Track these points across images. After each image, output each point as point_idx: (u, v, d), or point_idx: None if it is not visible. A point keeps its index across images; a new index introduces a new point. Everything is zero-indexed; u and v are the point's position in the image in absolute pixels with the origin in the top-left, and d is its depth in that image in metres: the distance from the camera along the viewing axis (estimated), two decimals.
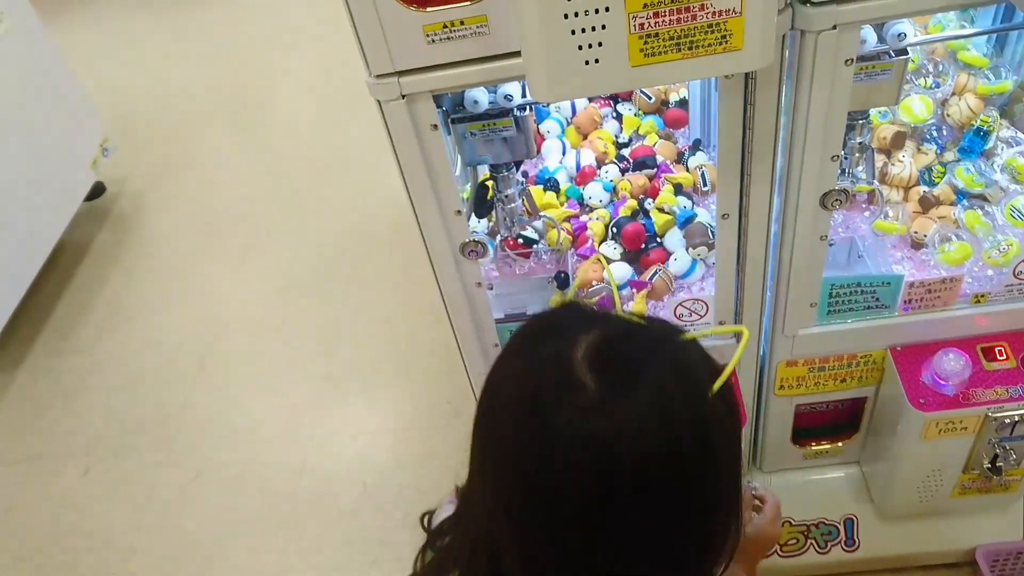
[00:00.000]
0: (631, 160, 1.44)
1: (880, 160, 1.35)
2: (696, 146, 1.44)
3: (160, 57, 3.70)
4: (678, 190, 1.37)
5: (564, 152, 1.49)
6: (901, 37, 1.01)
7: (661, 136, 1.49)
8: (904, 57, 1.02)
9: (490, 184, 1.21)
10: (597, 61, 0.79)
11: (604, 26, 0.76)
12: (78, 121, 2.66)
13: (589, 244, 1.34)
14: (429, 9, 0.85)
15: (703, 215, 1.33)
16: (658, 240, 1.34)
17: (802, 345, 1.31)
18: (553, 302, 1.31)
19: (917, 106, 1.33)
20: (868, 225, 1.32)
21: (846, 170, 1.16)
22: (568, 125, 1.53)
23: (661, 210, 1.35)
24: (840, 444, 1.53)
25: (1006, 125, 1.33)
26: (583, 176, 1.43)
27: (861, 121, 1.13)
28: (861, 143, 1.16)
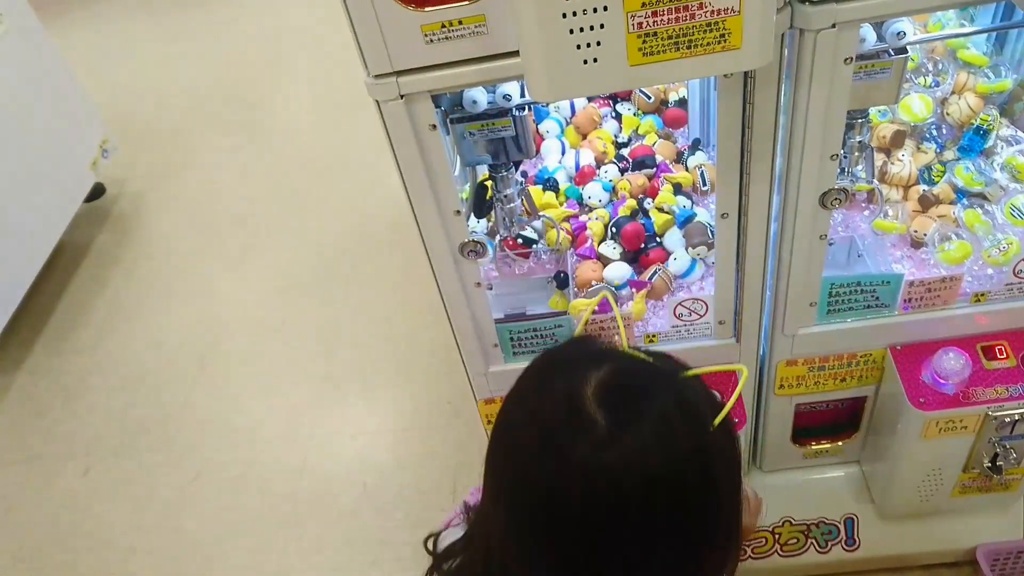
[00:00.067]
0: (630, 160, 1.44)
1: (880, 159, 1.34)
2: (695, 145, 1.44)
3: (160, 58, 3.71)
4: (677, 190, 1.37)
5: (563, 152, 1.49)
6: (900, 35, 1.01)
7: (660, 136, 1.49)
8: (903, 56, 1.02)
9: (489, 184, 1.20)
10: (596, 60, 0.79)
11: (602, 25, 0.76)
12: (78, 122, 2.66)
13: (588, 244, 1.33)
14: (427, 9, 0.85)
15: (702, 214, 1.32)
16: (657, 240, 1.34)
17: (802, 344, 1.31)
18: (552, 303, 1.31)
19: (917, 105, 1.33)
20: (868, 224, 1.31)
21: (845, 169, 1.16)
22: (567, 125, 1.53)
23: (660, 210, 1.35)
24: (840, 443, 1.53)
25: (1006, 124, 1.33)
26: (582, 176, 1.43)
27: (860, 120, 1.13)
28: (860, 142, 1.16)
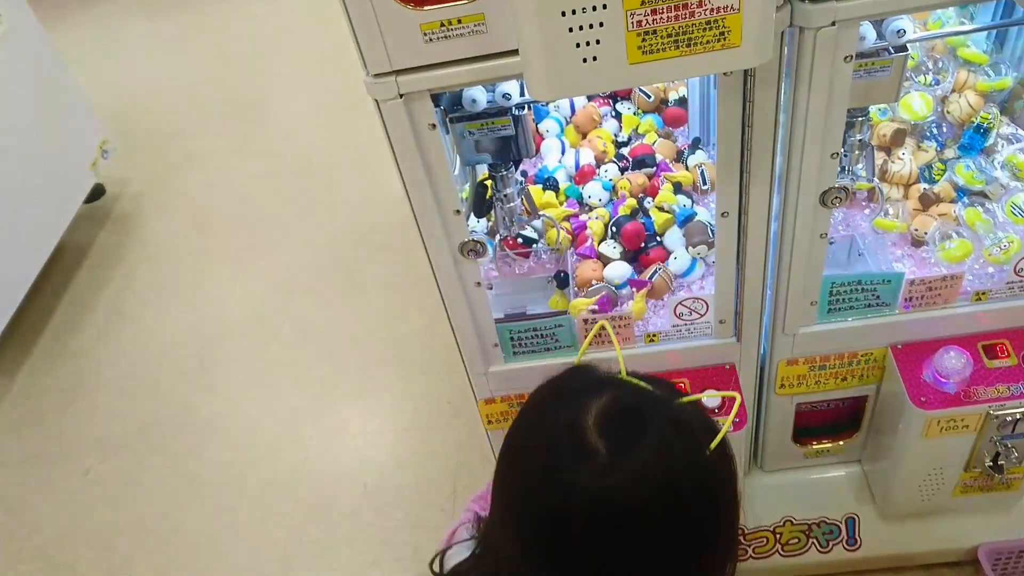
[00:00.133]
0: (630, 159, 1.44)
1: (880, 158, 1.34)
2: (695, 144, 1.44)
3: (159, 58, 3.71)
4: (677, 189, 1.37)
5: (563, 151, 1.48)
6: (900, 33, 1.00)
7: (660, 135, 1.48)
8: (903, 54, 1.02)
9: (489, 183, 1.20)
10: (595, 59, 0.79)
11: (602, 23, 0.76)
12: (77, 123, 2.66)
13: (589, 243, 1.33)
14: (426, 8, 0.84)
15: (703, 213, 1.32)
16: (658, 239, 1.34)
17: (803, 343, 1.31)
18: (552, 303, 1.31)
19: (917, 103, 1.33)
20: (868, 223, 1.31)
21: (846, 168, 1.16)
22: (567, 124, 1.53)
23: (661, 209, 1.35)
24: (841, 443, 1.53)
25: (1006, 122, 1.33)
26: (582, 175, 1.43)
27: (861, 118, 1.13)
28: (861, 140, 1.16)
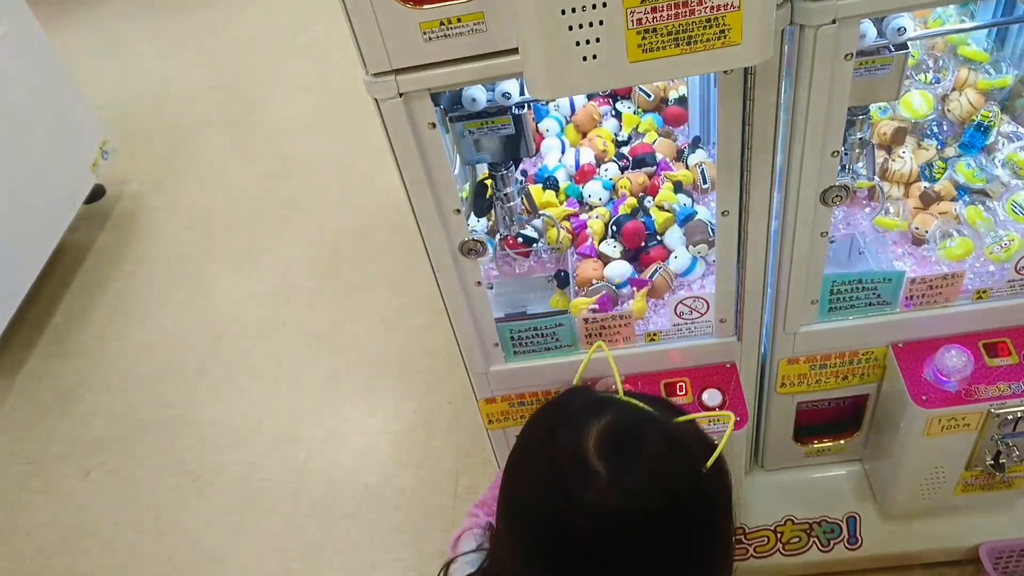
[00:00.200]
0: (630, 158, 1.44)
1: (880, 156, 1.34)
2: (695, 143, 1.44)
3: (159, 59, 3.71)
4: (678, 188, 1.37)
5: (563, 150, 1.48)
6: (901, 31, 1.00)
7: (660, 134, 1.48)
8: (904, 52, 1.02)
9: (489, 183, 1.20)
10: (595, 57, 0.78)
11: (602, 22, 0.76)
12: (77, 123, 2.66)
13: (589, 242, 1.33)
14: (425, 6, 0.84)
15: (703, 212, 1.32)
16: (658, 238, 1.33)
17: (803, 342, 1.31)
18: (553, 302, 1.31)
19: (917, 101, 1.32)
20: (869, 221, 1.31)
21: (846, 166, 1.16)
22: (567, 123, 1.52)
23: (661, 208, 1.35)
24: (842, 442, 1.53)
25: (1007, 120, 1.33)
26: (582, 174, 1.43)
27: (861, 117, 1.13)
28: (861, 139, 1.15)
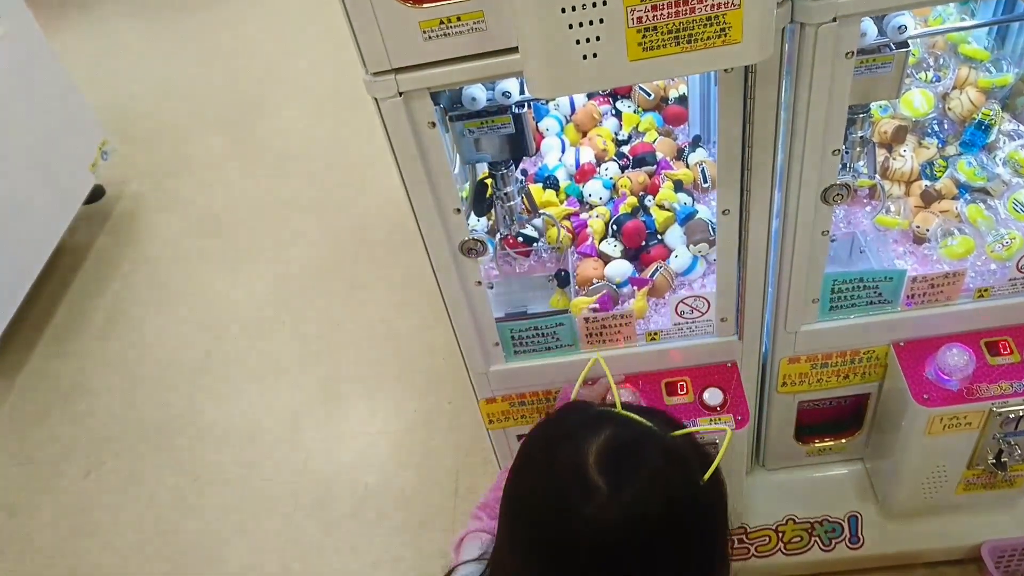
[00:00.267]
0: (631, 157, 1.44)
1: (881, 154, 1.34)
2: (696, 142, 1.44)
3: (158, 60, 3.70)
4: (678, 187, 1.37)
5: (563, 150, 1.48)
6: (902, 30, 1.00)
7: (661, 133, 1.48)
8: (905, 50, 1.02)
9: (489, 182, 1.20)
10: (595, 56, 0.78)
11: (602, 20, 0.76)
12: (77, 124, 2.66)
13: (589, 242, 1.33)
14: (425, 5, 0.84)
15: (703, 211, 1.32)
16: (659, 237, 1.33)
17: (804, 341, 1.30)
18: (553, 302, 1.30)
19: (918, 100, 1.32)
20: (870, 220, 1.31)
21: (847, 165, 1.16)
22: (567, 123, 1.52)
23: (661, 207, 1.34)
24: (843, 441, 1.53)
25: (1008, 118, 1.33)
26: (583, 173, 1.43)
27: (862, 115, 1.13)
28: (862, 137, 1.15)
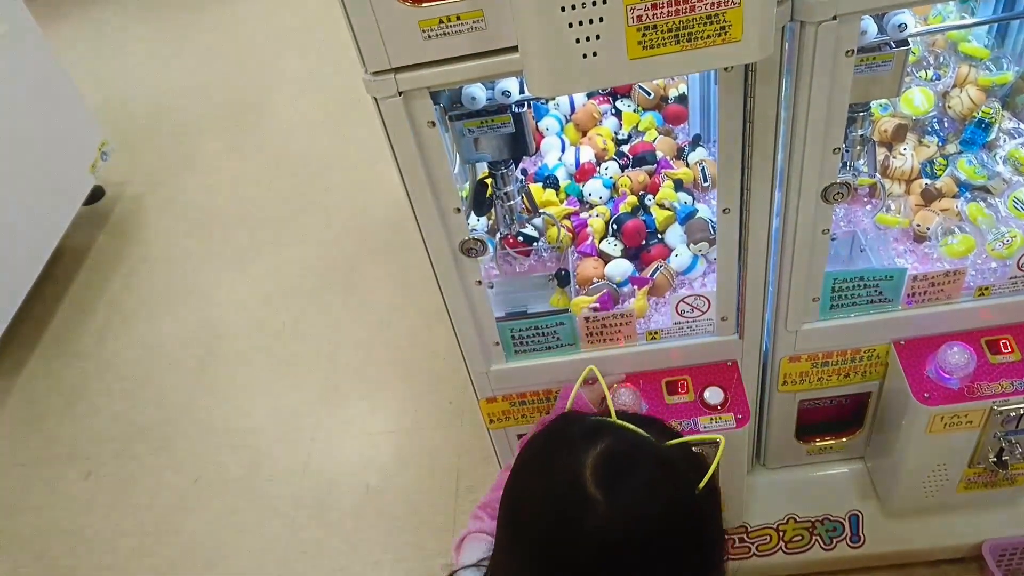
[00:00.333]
0: (631, 156, 1.43)
1: (881, 153, 1.34)
2: (696, 141, 1.43)
3: (158, 60, 3.70)
4: (678, 186, 1.37)
5: (563, 149, 1.48)
6: (902, 28, 1.00)
7: (660, 132, 1.48)
8: (905, 48, 1.01)
9: (489, 182, 1.20)
10: (595, 54, 0.78)
11: (602, 18, 0.76)
12: (76, 125, 2.66)
13: (589, 241, 1.33)
14: (425, 4, 0.84)
15: (704, 210, 1.32)
16: (659, 236, 1.33)
17: (805, 340, 1.30)
18: (553, 301, 1.30)
19: (918, 98, 1.32)
20: (870, 218, 1.31)
21: (847, 163, 1.15)
22: (567, 122, 1.52)
23: (661, 206, 1.34)
24: (844, 440, 1.53)
25: (1008, 116, 1.33)
26: (583, 173, 1.43)
27: (862, 114, 1.12)
28: (862, 136, 1.15)
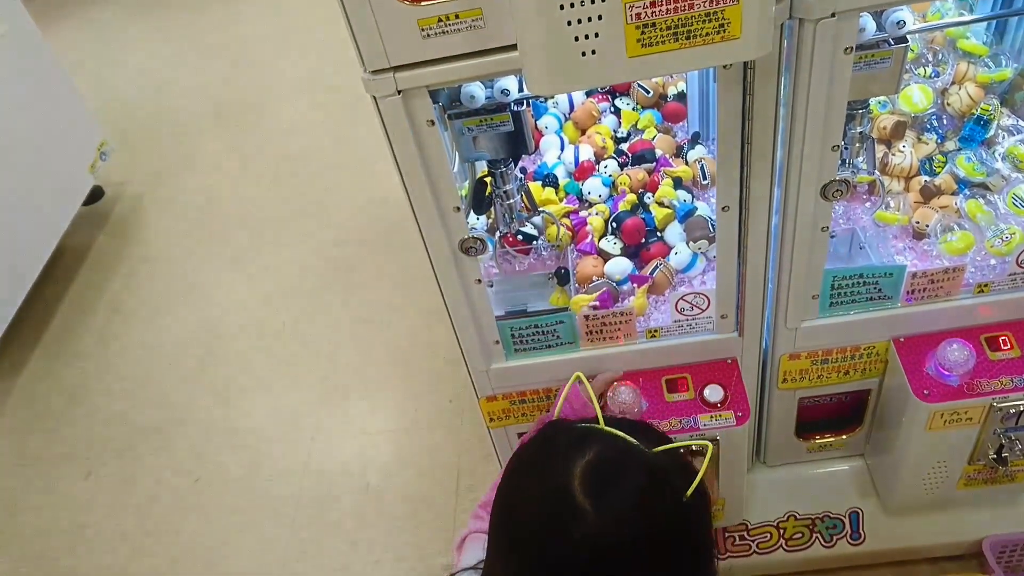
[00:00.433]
0: (630, 154, 1.44)
1: (880, 150, 1.34)
2: (695, 139, 1.43)
3: (157, 60, 3.70)
4: (677, 184, 1.37)
5: (562, 147, 1.48)
6: (900, 25, 1.00)
7: (660, 130, 1.48)
8: (903, 45, 1.01)
9: (488, 180, 1.20)
10: (594, 52, 0.78)
11: (600, 16, 0.76)
12: (75, 125, 2.66)
13: (589, 239, 1.33)
14: (423, 3, 0.84)
15: (703, 208, 1.32)
16: (658, 234, 1.33)
17: (805, 338, 1.30)
18: (553, 299, 1.30)
19: (917, 95, 1.32)
20: (869, 216, 1.31)
21: (846, 160, 1.16)
22: (566, 120, 1.52)
23: (661, 204, 1.34)
24: (844, 437, 1.53)
25: (1007, 113, 1.33)
26: (582, 171, 1.43)
27: (861, 111, 1.13)
28: (861, 133, 1.15)
